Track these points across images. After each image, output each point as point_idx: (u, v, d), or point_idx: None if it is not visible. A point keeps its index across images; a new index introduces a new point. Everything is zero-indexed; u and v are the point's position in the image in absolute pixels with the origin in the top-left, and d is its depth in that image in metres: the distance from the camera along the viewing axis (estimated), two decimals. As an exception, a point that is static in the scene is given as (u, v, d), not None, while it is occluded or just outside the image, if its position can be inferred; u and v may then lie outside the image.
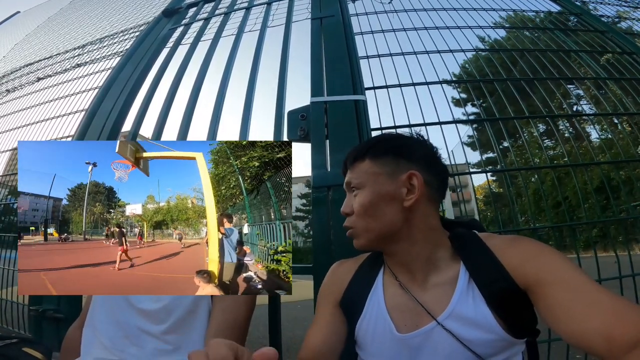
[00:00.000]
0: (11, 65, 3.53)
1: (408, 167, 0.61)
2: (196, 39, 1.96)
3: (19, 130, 2.39)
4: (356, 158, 0.65)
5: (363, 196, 0.61)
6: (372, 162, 0.63)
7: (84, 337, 0.80)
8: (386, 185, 0.60)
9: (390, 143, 0.65)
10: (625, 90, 1.73)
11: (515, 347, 0.55)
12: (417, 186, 0.59)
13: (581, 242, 4.55)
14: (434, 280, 0.59)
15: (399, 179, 0.60)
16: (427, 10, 1.93)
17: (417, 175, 0.59)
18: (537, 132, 5.24)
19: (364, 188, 0.61)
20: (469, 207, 4.63)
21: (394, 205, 0.60)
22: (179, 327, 0.74)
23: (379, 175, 0.61)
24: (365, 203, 0.60)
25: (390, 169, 0.61)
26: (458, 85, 1.85)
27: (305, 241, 22.96)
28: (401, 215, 0.60)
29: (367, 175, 0.62)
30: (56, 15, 4.48)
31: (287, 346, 2.09)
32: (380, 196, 0.60)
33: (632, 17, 2.46)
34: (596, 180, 4.16)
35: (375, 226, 0.60)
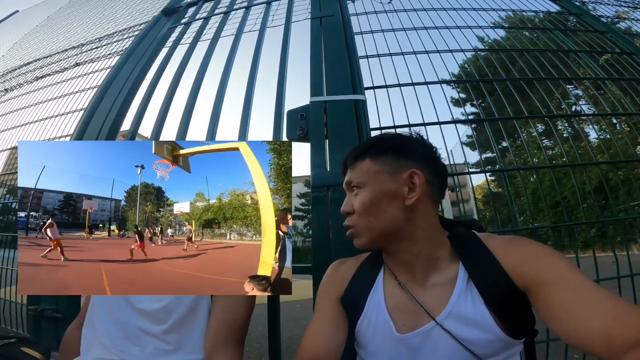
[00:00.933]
0: (10, 65, 3.52)
1: (409, 166, 0.61)
2: (195, 38, 1.95)
3: (18, 130, 2.38)
4: (357, 157, 0.65)
5: (364, 195, 0.61)
6: (373, 161, 0.63)
7: (83, 337, 0.80)
8: (387, 184, 0.60)
9: (390, 142, 0.65)
10: (624, 90, 1.73)
11: (514, 348, 0.55)
12: (419, 184, 0.59)
13: (580, 242, 4.56)
14: (433, 280, 0.59)
15: (401, 178, 0.60)
16: (427, 10, 1.93)
17: (419, 174, 0.60)
18: (536, 132, 5.25)
19: (365, 187, 0.61)
20: (467, 206, 4.64)
21: (395, 203, 0.60)
22: (179, 327, 0.74)
23: (380, 174, 0.61)
24: (367, 202, 0.60)
25: (391, 167, 0.61)
26: (457, 85, 1.85)
27: (304, 241, 22.97)
28: (403, 213, 0.60)
29: (368, 174, 0.62)
30: (55, 15, 4.47)
31: (286, 346, 2.09)
32: (381, 194, 0.60)
33: (632, 17, 2.47)
34: (595, 180, 4.18)
35: (377, 225, 0.60)
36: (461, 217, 1.02)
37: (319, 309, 0.69)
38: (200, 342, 0.74)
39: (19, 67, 3.23)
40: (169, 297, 0.76)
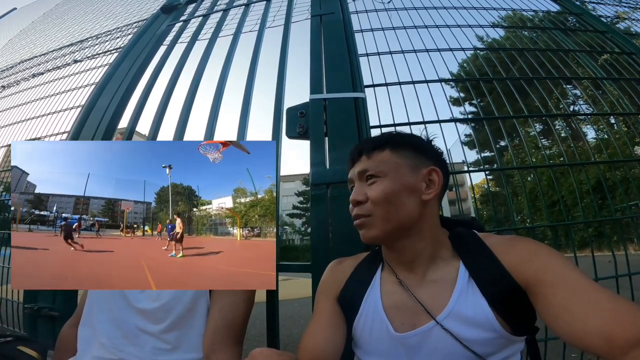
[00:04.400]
0: (6, 62, 3.49)
1: (427, 163, 0.62)
2: (194, 35, 1.94)
3: (14, 127, 2.36)
4: (375, 147, 0.64)
5: (385, 184, 0.60)
6: (393, 153, 0.63)
7: (80, 336, 0.79)
8: (408, 177, 0.61)
9: (408, 138, 0.66)
10: (623, 90, 1.74)
11: (515, 345, 0.55)
12: (437, 182, 0.61)
13: (577, 241, 4.59)
14: (433, 278, 0.59)
15: (419, 173, 0.61)
16: (427, 8, 1.92)
17: (438, 172, 0.62)
18: (535, 131, 5.26)
19: (386, 177, 0.61)
20: (465, 205, 4.65)
21: (413, 197, 0.60)
22: (178, 326, 0.74)
23: (401, 166, 0.61)
24: (388, 191, 0.59)
25: (411, 161, 0.62)
26: (457, 84, 1.85)
27: (303, 239, 23.00)
28: (418, 208, 0.60)
29: (389, 164, 0.62)
30: (52, 11, 4.43)
31: (285, 344, 2.09)
32: (402, 186, 0.60)
33: (632, 17, 2.48)
34: (593, 179, 4.20)
35: (394, 216, 0.59)
36: (461, 217, 1.02)
37: (317, 309, 0.69)
38: (199, 341, 0.74)
39: (15, 65, 3.20)
40: (167, 296, 0.75)
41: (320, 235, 1.04)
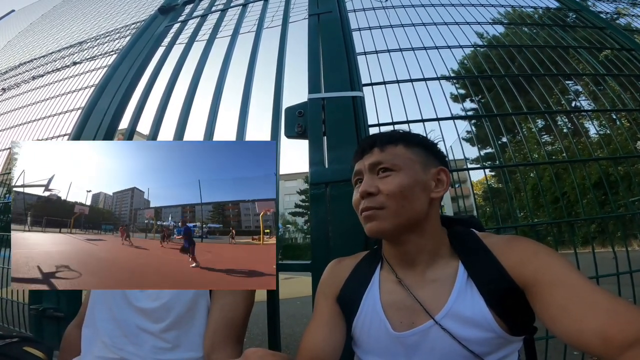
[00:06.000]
0: (4, 64, 3.50)
1: (436, 163, 0.64)
2: (193, 36, 1.94)
3: (14, 130, 2.37)
4: (389, 141, 0.64)
5: (401, 178, 0.60)
6: (406, 149, 0.63)
7: (84, 336, 0.80)
8: (420, 174, 0.62)
9: (419, 138, 0.67)
10: (624, 86, 1.73)
11: (513, 345, 0.56)
12: (445, 182, 0.63)
13: (579, 237, 4.57)
14: (432, 277, 0.59)
15: (430, 172, 0.63)
16: (425, 6, 1.92)
17: (447, 172, 0.64)
18: (536, 128, 5.24)
19: (401, 170, 0.61)
20: (467, 202, 4.64)
21: (424, 194, 0.61)
22: (178, 325, 0.74)
23: (415, 162, 0.62)
24: (404, 184, 0.60)
25: (423, 159, 0.63)
26: (456, 81, 1.84)
27: (305, 237, 23.02)
28: (426, 206, 0.61)
29: (403, 159, 0.62)
30: (50, 13, 4.44)
31: (286, 343, 2.10)
32: (416, 182, 0.61)
33: (631, 13, 2.46)
34: (594, 176, 4.18)
35: (407, 210, 0.59)
36: (460, 215, 1.02)
37: (317, 309, 0.69)
38: (199, 340, 0.74)
39: (15, 68, 3.20)
40: (167, 295, 0.76)
41: (319, 234, 1.04)
